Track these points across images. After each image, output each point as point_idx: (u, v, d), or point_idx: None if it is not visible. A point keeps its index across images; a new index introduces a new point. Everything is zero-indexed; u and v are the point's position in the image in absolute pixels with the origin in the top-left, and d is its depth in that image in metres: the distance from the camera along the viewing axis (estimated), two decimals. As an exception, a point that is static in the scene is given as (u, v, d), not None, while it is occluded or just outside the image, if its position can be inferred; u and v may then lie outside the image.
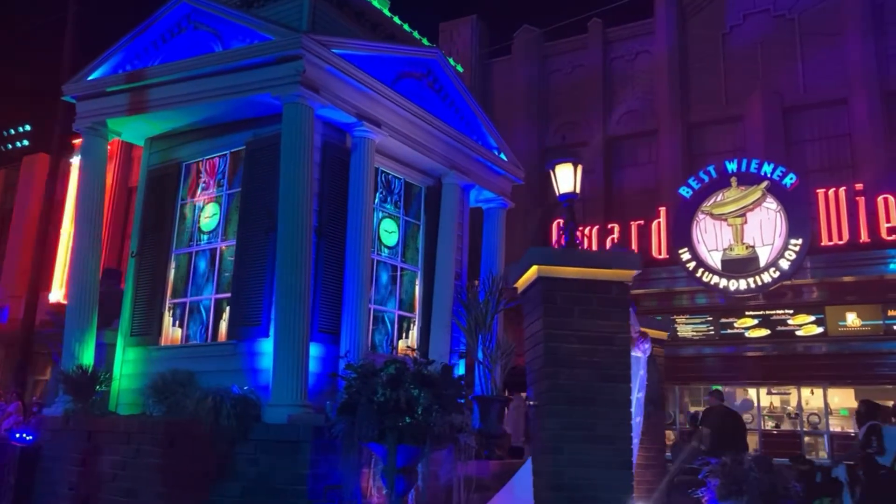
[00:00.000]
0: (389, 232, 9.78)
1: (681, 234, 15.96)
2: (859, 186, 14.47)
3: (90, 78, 9.82)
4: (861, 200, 14.23)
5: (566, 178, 6.58)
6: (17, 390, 16.54)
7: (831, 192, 14.59)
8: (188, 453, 7.46)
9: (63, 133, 19.64)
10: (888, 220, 13.99)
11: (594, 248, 16.25)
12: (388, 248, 9.76)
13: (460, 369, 10.25)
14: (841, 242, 14.33)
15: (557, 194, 6.72)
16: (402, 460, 6.78)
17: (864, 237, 14.12)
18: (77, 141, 25.39)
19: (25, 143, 30.18)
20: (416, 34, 10.83)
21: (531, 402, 5.75)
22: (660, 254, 16.27)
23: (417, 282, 10.08)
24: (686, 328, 16.53)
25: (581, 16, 20.08)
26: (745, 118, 16.94)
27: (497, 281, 10.15)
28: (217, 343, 8.66)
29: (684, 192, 16.02)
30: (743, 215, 15.53)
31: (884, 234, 13.97)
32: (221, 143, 9.30)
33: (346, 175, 8.80)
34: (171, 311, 9.33)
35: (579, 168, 6.61)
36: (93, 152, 9.79)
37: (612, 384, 5.27)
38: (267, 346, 8.05)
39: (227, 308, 8.71)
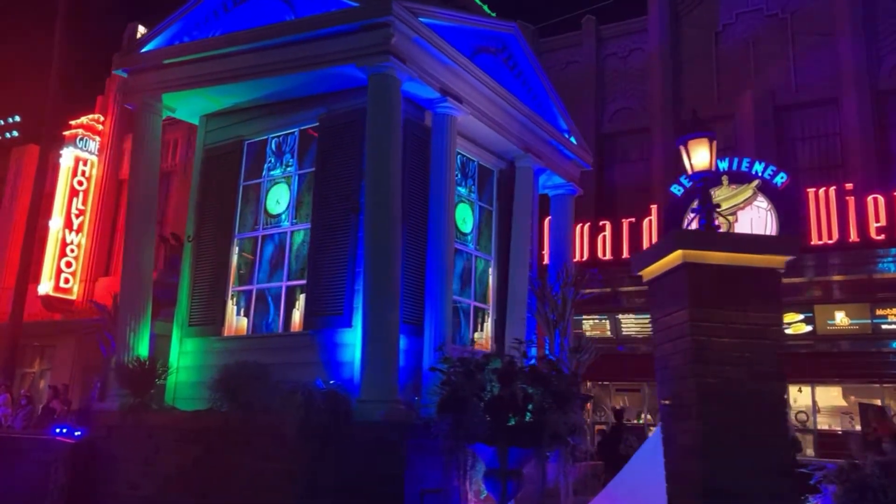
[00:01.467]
0: (464, 218, 9.17)
1: (672, 233, 15.53)
2: (849, 186, 14.42)
3: (144, 50, 9.18)
4: (851, 200, 14.17)
5: (701, 155, 5.99)
6: (6, 382, 16.03)
7: (821, 191, 14.50)
8: (268, 452, 6.86)
9: (53, 124, 19.25)
10: (877, 220, 13.90)
11: (585, 246, 15.79)
12: (463, 234, 9.15)
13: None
14: (830, 242, 14.29)
15: (690, 172, 6.12)
16: (513, 463, 6.20)
17: (853, 237, 14.09)
18: (69, 133, 25.12)
19: (15, 133, 29.51)
20: (486, 7, 10.22)
21: (664, 402, 5.18)
22: (651, 252, 15.85)
23: (491, 271, 9.48)
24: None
25: (575, 12, 19.71)
26: (736, 117, 16.67)
27: (571, 271, 9.59)
28: (290, 334, 8.05)
29: (676, 190, 15.68)
30: (734, 214, 15.45)
31: (873, 234, 13.89)
32: (290, 120, 8.67)
33: (426, 156, 8.19)
34: (235, 300, 8.71)
35: (714, 144, 6.03)
36: (146, 130, 9.14)
37: (765, 382, 4.81)
38: (350, 338, 7.44)
39: (301, 296, 8.10)
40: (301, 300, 8.12)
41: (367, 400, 6.77)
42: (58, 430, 10.67)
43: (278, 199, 8.62)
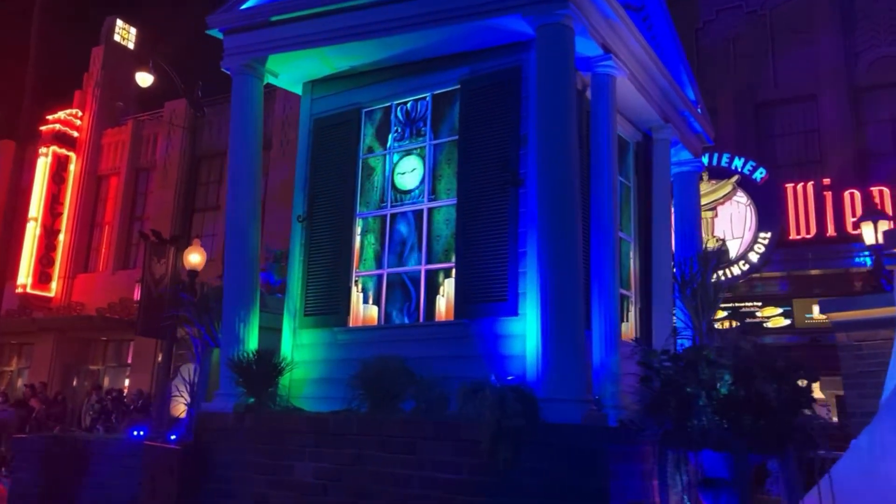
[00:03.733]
0: (605, 194, 8.21)
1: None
2: (827, 181, 15.00)
3: (244, 7, 8.17)
4: (828, 195, 14.79)
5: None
6: None
7: (800, 186, 15.07)
8: (441, 459, 5.91)
9: (29, 120, 18.46)
10: (854, 215, 14.22)
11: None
12: (605, 212, 8.19)
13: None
14: (809, 236, 14.89)
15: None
16: (743, 471, 5.28)
17: (830, 231, 14.71)
18: (46, 128, 24.16)
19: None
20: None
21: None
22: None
23: (632, 254, 8.53)
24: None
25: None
26: (716, 112, 16.19)
27: (715, 255, 8.66)
28: (436, 323, 7.09)
29: None
30: (714, 209, 15.80)
31: (849, 229, 14.33)
32: (420, 83, 7.69)
33: (582, 124, 7.21)
34: (360, 286, 7.74)
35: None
36: (247, 98, 8.14)
37: None
38: (516, 328, 6.49)
39: (446, 281, 7.15)
40: (446, 285, 7.16)
41: (554, 399, 5.81)
42: (135, 433, 9.74)
43: (409, 172, 7.64)
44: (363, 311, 7.64)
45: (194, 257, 13.67)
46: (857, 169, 15.56)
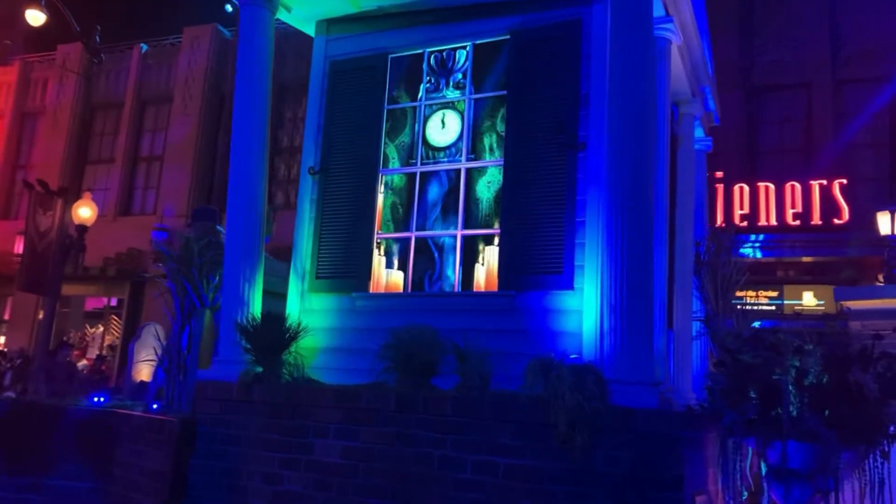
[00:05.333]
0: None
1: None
2: (719, 174, 15.68)
3: (257, -71, 7.23)
4: (720, 188, 15.64)
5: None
6: None
7: None
8: (493, 441, 5.40)
9: None
10: (741, 208, 15.58)
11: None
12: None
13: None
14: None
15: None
16: (835, 464, 5.05)
17: (719, 222, 15.23)
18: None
19: None
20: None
21: None
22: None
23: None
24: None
25: None
26: None
27: (729, 235, 8.51)
28: (476, 294, 6.53)
29: None
30: None
31: (736, 220, 15.38)
32: (461, 31, 7.02)
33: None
34: (383, 249, 7.06)
35: None
36: (257, 33, 7.24)
37: None
38: (572, 302, 6.03)
39: (487, 249, 6.59)
40: (486, 253, 6.60)
41: (625, 381, 5.39)
42: (96, 400, 8.77)
43: (444, 128, 6.99)
44: (386, 276, 6.98)
45: (84, 211, 12.60)
46: (748, 164, 16.41)
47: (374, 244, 7.00)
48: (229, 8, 14.62)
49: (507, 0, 6.75)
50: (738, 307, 8.27)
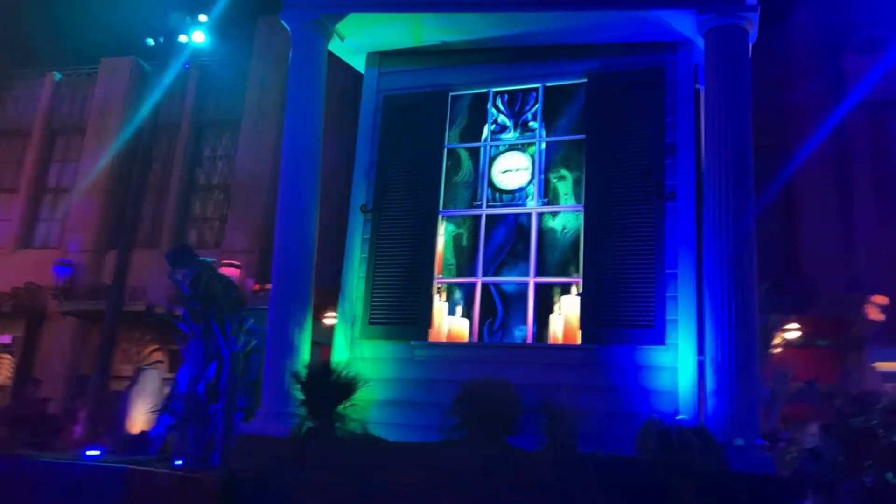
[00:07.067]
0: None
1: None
2: None
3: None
4: None
5: None
6: None
7: None
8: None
9: None
10: None
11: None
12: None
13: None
14: None
15: None
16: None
17: None
18: None
19: None
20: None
21: None
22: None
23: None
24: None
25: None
26: None
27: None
28: (554, 346, 6.17)
29: None
30: None
31: None
32: (528, 72, 6.80)
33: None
34: (445, 295, 6.64)
35: None
36: (309, 61, 6.84)
37: None
38: (664, 359, 5.74)
39: (563, 298, 6.27)
40: (562, 303, 6.27)
41: (738, 445, 5.11)
42: (90, 454, 7.88)
43: (513, 171, 6.68)
44: (447, 323, 6.55)
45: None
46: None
47: (435, 289, 6.58)
48: (150, 42, 14.01)
49: (584, 43, 6.57)
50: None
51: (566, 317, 6.19)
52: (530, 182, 6.59)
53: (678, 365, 5.66)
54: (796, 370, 7.86)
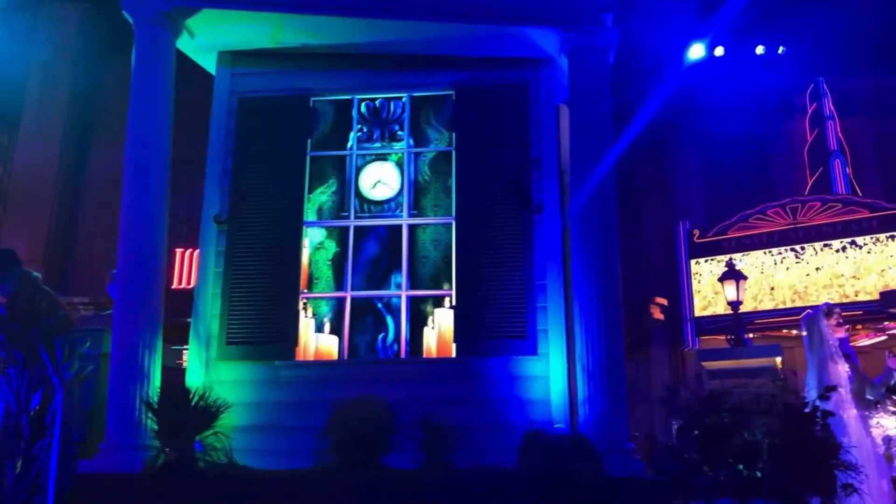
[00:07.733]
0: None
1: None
2: None
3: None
4: None
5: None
6: None
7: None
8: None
9: None
10: None
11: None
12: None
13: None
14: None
15: None
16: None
17: None
18: None
19: None
20: None
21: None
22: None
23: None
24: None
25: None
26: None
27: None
28: (427, 360, 6.06)
29: None
30: None
31: None
32: (394, 81, 6.65)
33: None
34: (310, 311, 6.31)
35: None
36: (157, 58, 6.25)
37: None
38: (537, 369, 5.84)
39: (436, 311, 6.18)
40: (436, 315, 6.18)
41: (606, 450, 5.30)
42: None
43: (381, 181, 6.51)
44: (315, 341, 6.23)
45: None
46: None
47: (300, 305, 6.24)
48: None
49: (452, 55, 6.56)
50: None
51: (440, 330, 6.12)
52: (399, 193, 6.46)
53: (550, 374, 5.79)
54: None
